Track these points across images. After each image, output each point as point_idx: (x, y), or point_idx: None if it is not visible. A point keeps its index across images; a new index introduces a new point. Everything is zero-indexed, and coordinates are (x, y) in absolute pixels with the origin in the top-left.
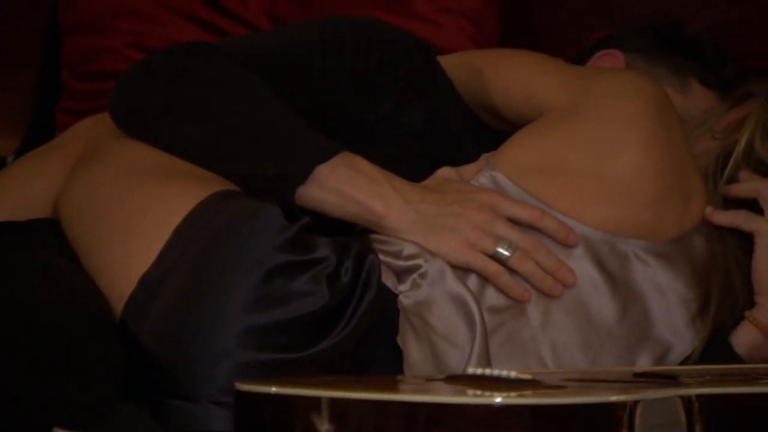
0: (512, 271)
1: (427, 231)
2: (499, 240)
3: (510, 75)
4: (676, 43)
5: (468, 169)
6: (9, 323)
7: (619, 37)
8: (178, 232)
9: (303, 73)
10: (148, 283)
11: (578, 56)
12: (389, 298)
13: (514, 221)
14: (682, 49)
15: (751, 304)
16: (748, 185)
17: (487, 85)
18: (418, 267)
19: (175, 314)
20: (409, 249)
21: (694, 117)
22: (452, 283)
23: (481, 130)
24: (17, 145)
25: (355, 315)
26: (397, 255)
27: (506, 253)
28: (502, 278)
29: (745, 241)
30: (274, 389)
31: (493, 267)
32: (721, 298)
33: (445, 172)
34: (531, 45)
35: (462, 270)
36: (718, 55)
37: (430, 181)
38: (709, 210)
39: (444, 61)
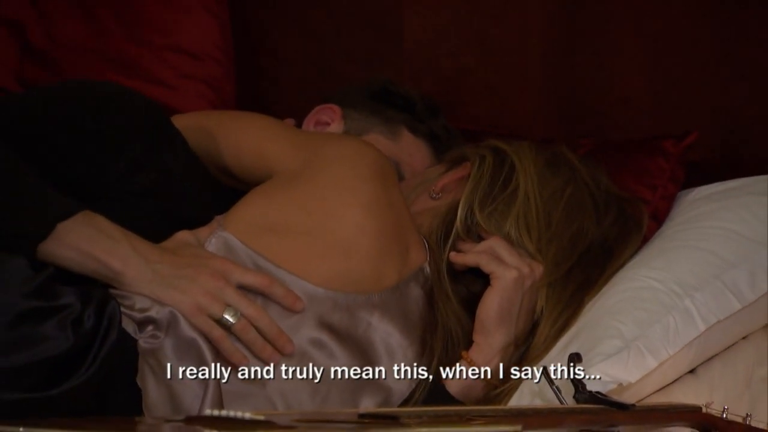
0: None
1: (162, 289)
2: (227, 307)
3: (241, 138)
4: (388, 97)
5: (202, 232)
6: None
7: (339, 94)
8: None
9: (45, 137)
10: None
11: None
12: (129, 342)
13: (245, 288)
14: (393, 103)
15: (469, 343)
16: (468, 257)
17: (219, 146)
18: (151, 318)
19: None
20: (141, 302)
21: (413, 172)
22: (185, 328)
23: (218, 188)
24: None
25: (97, 357)
26: (131, 308)
27: (231, 320)
28: (224, 343)
29: (475, 283)
30: (21, 430)
31: (217, 332)
32: (437, 341)
33: (182, 235)
34: (264, 109)
35: None
36: (426, 109)
37: (169, 242)
38: (454, 254)
39: (178, 121)
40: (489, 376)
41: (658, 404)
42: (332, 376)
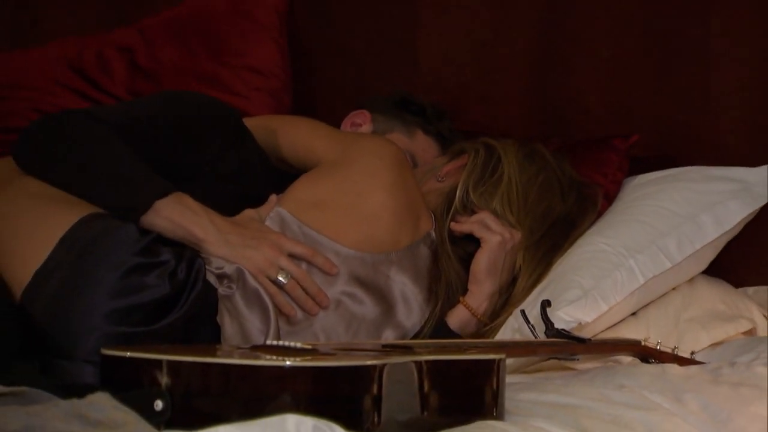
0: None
1: (232, 254)
2: (280, 271)
3: (295, 136)
4: (406, 105)
5: (264, 209)
6: None
7: (369, 102)
8: (63, 241)
9: (150, 132)
10: (40, 276)
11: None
12: (211, 290)
13: (294, 256)
14: (410, 110)
15: (465, 291)
16: (464, 225)
17: (278, 142)
18: (225, 273)
19: (59, 299)
20: (217, 262)
21: (424, 162)
22: (251, 282)
23: (276, 173)
24: None
25: (187, 301)
26: (210, 265)
27: (283, 281)
28: (278, 298)
29: (469, 245)
30: (128, 354)
31: (272, 289)
32: (441, 289)
33: (248, 212)
34: (312, 114)
35: None
36: (435, 114)
37: (238, 218)
38: (454, 224)
39: (249, 122)
40: (480, 316)
41: (608, 339)
42: (361, 317)
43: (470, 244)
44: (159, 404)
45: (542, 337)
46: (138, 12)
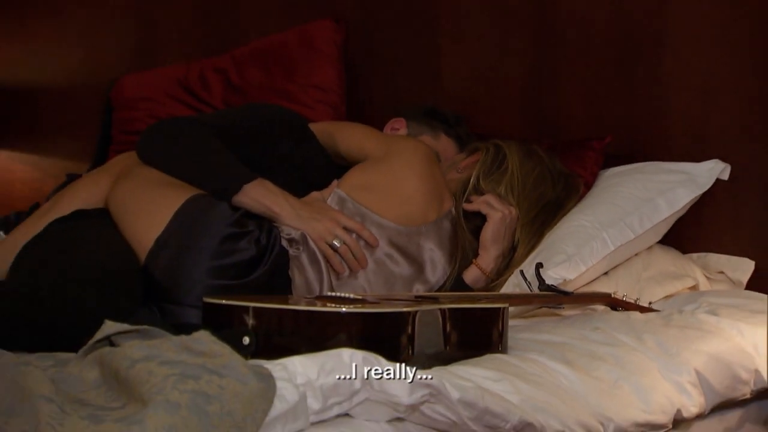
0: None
1: (301, 225)
2: (336, 238)
3: (350, 137)
4: (433, 115)
5: (326, 191)
6: (86, 261)
7: (404, 111)
8: (176, 215)
9: (239, 133)
10: (160, 242)
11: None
12: (284, 252)
13: (347, 229)
14: (436, 118)
15: (476, 255)
16: (474, 205)
17: (336, 142)
18: (294, 238)
19: (173, 260)
20: (288, 231)
21: (447, 158)
22: (312, 246)
23: (333, 165)
24: (88, 167)
25: (268, 261)
26: (283, 233)
27: (338, 245)
28: (333, 258)
29: (478, 220)
30: (224, 301)
31: (329, 251)
32: (458, 253)
33: (314, 194)
34: (362, 120)
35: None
36: (456, 121)
37: (306, 198)
38: (467, 204)
39: (313, 127)
40: (489, 274)
41: (586, 292)
42: (398, 274)
43: (478, 218)
44: (246, 340)
45: (536, 290)
46: (230, 43)
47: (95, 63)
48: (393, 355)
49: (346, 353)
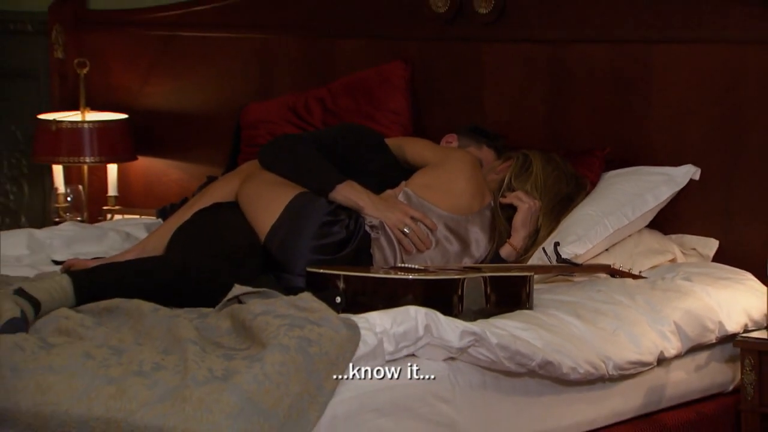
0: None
1: (380, 215)
2: (406, 225)
3: (415, 148)
4: (477, 131)
5: (397, 189)
6: (221, 241)
7: (456, 130)
8: (287, 207)
9: (333, 146)
10: (275, 227)
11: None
12: (367, 235)
13: (414, 219)
14: (480, 134)
15: (509, 236)
16: (507, 199)
17: (405, 152)
18: (374, 225)
19: (285, 240)
20: (370, 219)
21: (487, 163)
22: (388, 231)
23: (402, 170)
24: (222, 171)
25: (355, 241)
26: (365, 220)
27: (407, 231)
28: (404, 241)
29: (510, 210)
30: (321, 270)
31: (400, 235)
32: (496, 236)
33: (389, 192)
34: (424, 136)
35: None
36: (494, 136)
37: (382, 195)
38: (502, 198)
39: (388, 141)
40: (519, 251)
41: (591, 264)
42: (451, 251)
43: (511, 209)
44: (338, 299)
45: (554, 263)
46: (327, 79)
47: (229, 95)
48: (447, 311)
49: (412, 309)
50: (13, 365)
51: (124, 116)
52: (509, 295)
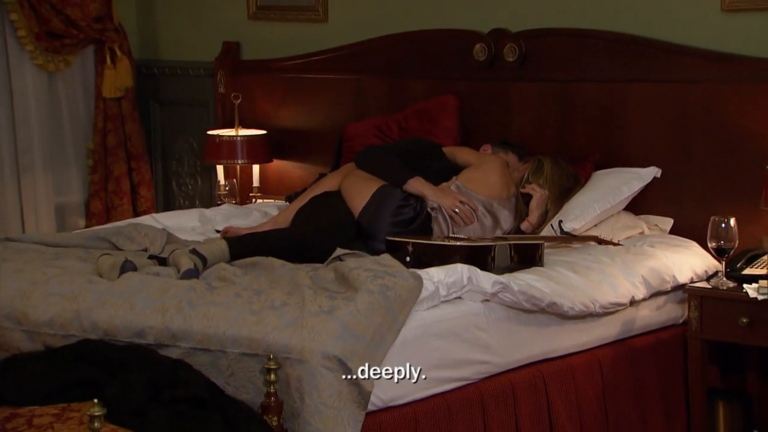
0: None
1: (438, 199)
2: (456, 207)
3: (462, 154)
4: (506, 143)
5: (450, 183)
6: (328, 218)
7: (491, 142)
8: (373, 195)
9: (406, 153)
10: (365, 208)
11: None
12: (429, 215)
13: (462, 202)
14: (508, 145)
15: (527, 215)
16: (526, 189)
17: (456, 156)
18: (434, 206)
19: (372, 218)
20: (431, 203)
21: (512, 165)
22: (444, 211)
23: (453, 169)
24: (329, 170)
25: (420, 218)
26: (428, 204)
27: (457, 211)
28: (455, 218)
29: (528, 197)
30: (396, 239)
31: (453, 214)
32: (518, 215)
33: (444, 184)
34: (468, 146)
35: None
36: (517, 146)
37: (440, 186)
38: (522, 189)
39: (445, 149)
40: (534, 226)
41: (585, 235)
42: (487, 225)
43: (529, 197)
44: (407, 259)
45: (559, 234)
46: (401, 107)
47: (335, 118)
48: (483, 268)
49: (459, 266)
50: (189, 300)
51: (264, 132)
52: (527, 257)
